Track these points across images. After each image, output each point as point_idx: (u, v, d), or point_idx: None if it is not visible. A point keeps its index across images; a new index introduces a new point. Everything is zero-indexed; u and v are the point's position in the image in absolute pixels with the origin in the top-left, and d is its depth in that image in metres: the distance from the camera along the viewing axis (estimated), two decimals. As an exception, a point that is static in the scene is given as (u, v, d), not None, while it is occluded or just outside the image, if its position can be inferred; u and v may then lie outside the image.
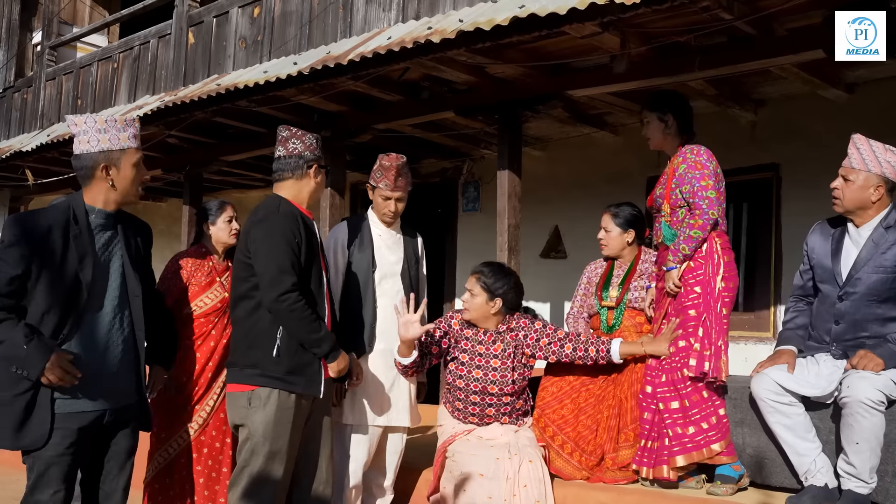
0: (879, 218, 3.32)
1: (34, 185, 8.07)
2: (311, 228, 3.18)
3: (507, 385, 3.62)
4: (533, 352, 3.68)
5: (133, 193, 2.87)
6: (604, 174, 6.08)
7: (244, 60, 6.37)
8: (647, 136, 3.87)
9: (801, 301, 3.59)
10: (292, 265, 3.00)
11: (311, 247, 3.14)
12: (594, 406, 3.86)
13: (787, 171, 5.27)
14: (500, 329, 3.67)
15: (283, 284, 2.97)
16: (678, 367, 3.57)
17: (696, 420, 3.50)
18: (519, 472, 3.42)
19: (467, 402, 3.66)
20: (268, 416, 3.03)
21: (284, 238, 3.01)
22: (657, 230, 3.85)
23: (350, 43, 5.27)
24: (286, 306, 2.97)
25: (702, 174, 3.60)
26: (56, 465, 2.64)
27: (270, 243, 3.01)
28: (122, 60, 7.69)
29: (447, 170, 7.11)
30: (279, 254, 2.99)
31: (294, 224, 3.07)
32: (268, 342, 3.03)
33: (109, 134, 2.78)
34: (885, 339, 3.22)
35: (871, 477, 3.14)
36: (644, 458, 3.62)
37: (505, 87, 4.88)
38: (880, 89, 4.82)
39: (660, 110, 3.79)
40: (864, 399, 3.05)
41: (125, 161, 2.80)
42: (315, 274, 3.16)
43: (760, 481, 3.53)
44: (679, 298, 3.64)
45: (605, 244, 4.13)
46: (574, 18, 3.62)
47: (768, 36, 3.94)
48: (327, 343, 3.08)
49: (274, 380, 3.03)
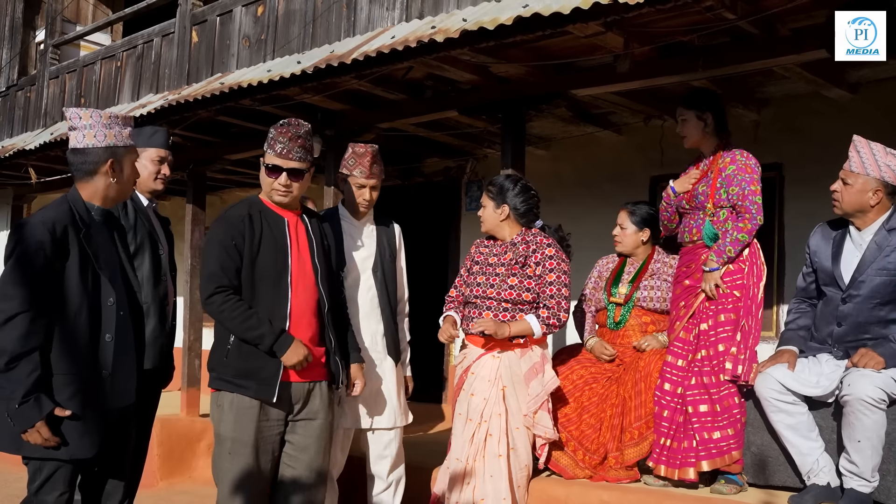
0: (882, 220, 3.33)
1: (37, 183, 8.08)
2: (270, 221, 3.11)
3: (505, 290, 3.60)
4: (533, 272, 3.61)
5: (128, 193, 2.89)
6: (607, 173, 6.08)
7: (248, 59, 6.37)
8: (682, 133, 3.87)
9: (804, 303, 3.59)
10: (223, 269, 3.01)
11: (271, 240, 3.08)
12: (597, 405, 3.86)
13: (790, 171, 5.26)
14: (514, 240, 3.72)
15: (208, 288, 3.01)
16: (711, 370, 3.56)
17: (723, 426, 3.51)
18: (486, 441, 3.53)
19: (470, 307, 3.70)
20: (230, 418, 3.03)
21: (219, 242, 3.05)
22: (690, 228, 3.81)
23: (354, 42, 5.27)
24: (214, 308, 3.01)
25: (752, 178, 3.62)
26: (64, 468, 2.63)
27: (206, 248, 3.11)
28: (125, 59, 7.69)
29: (451, 169, 7.11)
30: (210, 259, 3.05)
31: (236, 227, 3.05)
32: (222, 345, 3.06)
33: (115, 130, 2.76)
34: (887, 339, 3.23)
35: (872, 476, 3.14)
36: (663, 457, 3.61)
37: (508, 87, 4.88)
38: (884, 89, 4.81)
39: (698, 108, 3.79)
40: (865, 397, 3.05)
41: (128, 158, 2.81)
42: (272, 267, 3.07)
43: (763, 481, 3.53)
44: (714, 301, 3.63)
45: (619, 241, 4.14)
46: (578, 18, 3.62)
47: (771, 36, 3.94)
48: (269, 337, 2.99)
49: (226, 382, 3.05)
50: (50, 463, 2.61)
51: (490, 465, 3.51)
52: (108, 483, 2.86)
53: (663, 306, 4.00)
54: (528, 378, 3.58)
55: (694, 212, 3.81)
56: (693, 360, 3.63)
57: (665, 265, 4.08)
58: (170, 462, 6.05)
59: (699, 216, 3.78)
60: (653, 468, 3.64)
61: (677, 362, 3.67)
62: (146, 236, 3.39)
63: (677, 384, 3.64)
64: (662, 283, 4.02)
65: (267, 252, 3.07)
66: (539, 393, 3.57)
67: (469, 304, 3.72)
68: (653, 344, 3.92)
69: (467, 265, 3.85)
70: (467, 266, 3.85)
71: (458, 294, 3.82)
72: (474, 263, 3.79)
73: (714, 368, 3.56)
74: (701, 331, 3.66)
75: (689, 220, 3.85)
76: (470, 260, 3.84)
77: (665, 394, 3.65)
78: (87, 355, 2.64)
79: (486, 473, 3.50)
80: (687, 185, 3.84)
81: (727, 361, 3.53)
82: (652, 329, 4.01)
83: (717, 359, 3.57)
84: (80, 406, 2.60)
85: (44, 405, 2.53)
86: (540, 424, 3.59)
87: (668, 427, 3.62)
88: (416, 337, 7.37)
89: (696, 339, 3.67)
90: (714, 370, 3.56)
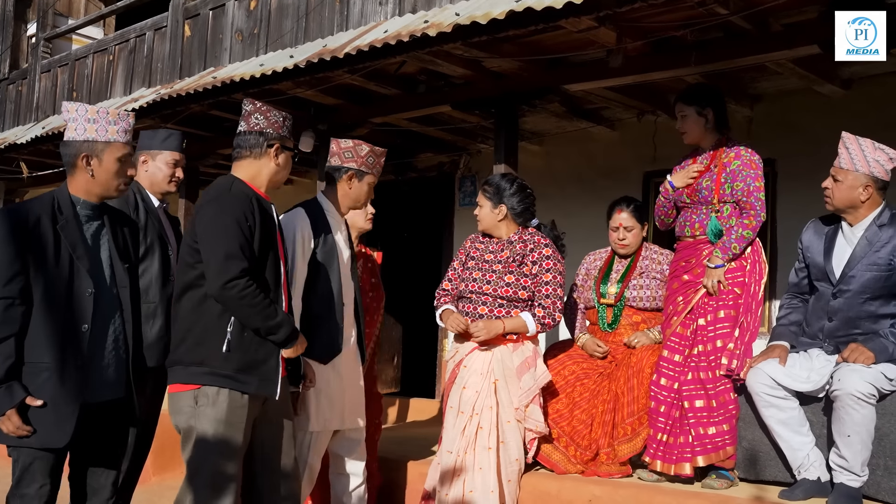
0: (873, 216, 3.34)
1: (29, 177, 8.05)
2: (268, 213, 2.90)
3: (502, 287, 3.62)
4: (529, 271, 3.65)
5: (114, 188, 2.80)
6: (600, 169, 6.08)
7: (240, 53, 6.35)
8: (682, 130, 3.84)
9: (796, 298, 3.60)
10: (242, 249, 2.71)
11: (267, 233, 2.86)
12: (589, 401, 3.86)
13: (783, 167, 5.27)
14: (511, 238, 3.73)
15: (230, 271, 2.67)
16: (708, 366, 3.56)
17: (718, 421, 3.51)
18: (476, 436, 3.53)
19: (465, 301, 3.70)
20: (219, 416, 2.73)
21: (234, 219, 2.73)
22: (692, 222, 3.78)
23: (346, 36, 5.26)
24: (235, 293, 2.67)
25: (756, 174, 3.61)
26: (42, 460, 2.63)
27: (218, 226, 2.72)
28: (117, 53, 7.66)
29: (444, 164, 7.10)
30: (227, 237, 2.70)
31: (247, 206, 2.79)
32: (216, 337, 2.74)
33: (98, 125, 2.74)
34: (877, 334, 3.24)
35: (862, 470, 3.15)
36: (660, 453, 3.61)
37: (501, 82, 4.87)
38: (876, 85, 4.82)
39: (699, 104, 3.76)
40: (855, 392, 3.06)
41: (108, 154, 2.75)
42: (271, 263, 2.88)
43: (754, 476, 3.54)
44: (714, 297, 3.62)
45: (626, 244, 4.07)
46: (570, 13, 3.62)
47: (764, 31, 3.94)
48: (286, 328, 2.81)
49: (224, 378, 2.74)
50: (25, 453, 2.62)
51: (480, 457, 3.52)
52: (97, 477, 2.83)
53: (654, 304, 3.99)
54: (520, 372, 3.58)
55: (696, 206, 3.78)
56: (690, 356, 3.63)
57: (654, 262, 4.05)
58: (162, 457, 6.02)
59: (702, 211, 3.75)
60: (648, 463, 3.64)
61: (674, 357, 3.67)
62: (156, 237, 3.37)
63: (674, 379, 3.64)
64: (651, 280, 4.00)
65: (266, 243, 2.87)
66: (531, 387, 3.57)
67: (464, 298, 3.72)
68: (643, 340, 3.91)
69: (461, 258, 3.84)
70: (461, 259, 3.84)
71: (453, 288, 3.82)
72: (469, 258, 3.79)
73: (711, 364, 3.57)
74: (699, 326, 3.65)
75: (689, 214, 3.81)
76: (465, 254, 3.84)
77: (661, 389, 3.65)
78: (63, 344, 2.63)
79: (475, 466, 3.50)
80: (687, 179, 3.79)
81: (723, 357, 3.53)
82: (643, 327, 4.01)
83: (713, 354, 3.57)
84: (52, 395, 2.60)
85: (15, 393, 2.56)
86: (531, 418, 3.60)
87: (664, 422, 3.62)
88: (411, 331, 7.45)
89: (693, 334, 3.67)
90: (711, 366, 3.56)
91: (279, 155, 2.97)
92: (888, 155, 3.32)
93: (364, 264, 4.05)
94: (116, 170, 2.77)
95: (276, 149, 2.96)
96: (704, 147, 3.82)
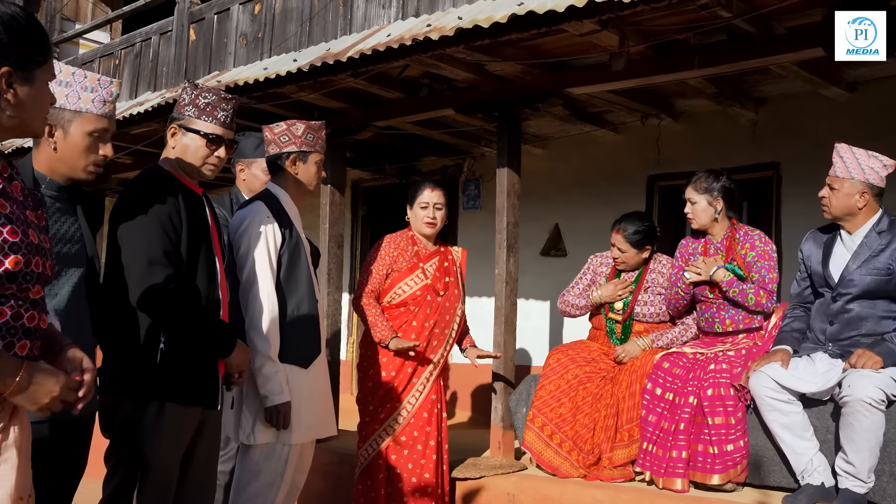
0: (871, 223, 3.36)
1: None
2: (197, 204, 2.61)
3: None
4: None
5: (81, 168, 2.31)
6: (604, 172, 6.07)
7: (245, 57, 6.37)
8: (690, 215, 3.83)
9: (798, 308, 3.60)
10: (166, 254, 2.44)
11: (197, 228, 2.57)
12: (592, 405, 3.85)
13: (787, 170, 5.25)
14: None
15: (154, 279, 2.41)
16: (725, 382, 3.53)
17: (735, 438, 3.49)
18: None
19: None
20: (155, 431, 2.45)
21: (158, 220, 2.44)
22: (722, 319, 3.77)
23: (350, 40, 5.27)
24: (164, 297, 2.42)
25: (770, 266, 3.68)
26: None
27: (137, 228, 2.44)
28: (123, 57, 7.70)
29: (448, 167, 7.10)
30: (149, 241, 2.42)
31: (171, 203, 2.49)
32: (146, 347, 2.46)
33: (70, 89, 2.27)
34: (883, 338, 3.23)
35: (869, 476, 3.14)
36: (647, 462, 3.60)
37: (504, 85, 4.87)
38: (881, 88, 4.80)
39: (710, 194, 3.76)
40: (866, 398, 3.05)
41: (77, 125, 2.28)
42: (203, 263, 2.58)
43: (758, 481, 3.52)
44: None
45: (621, 262, 4.07)
46: (573, 16, 3.61)
47: (767, 34, 3.92)
48: (222, 336, 2.57)
49: (159, 391, 2.46)
50: None
51: None
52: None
53: (658, 319, 4.01)
54: None
55: (722, 302, 3.74)
56: (708, 371, 3.61)
57: (661, 275, 4.05)
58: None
59: (730, 307, 3.73)
60: (640, 472, 3.63)
61: (673, 370, 3.65)
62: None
63: (669, 391, 3.62)
64: (657, 296, 4.01)
65: (193, 235, 2.56)
66: None
67: None
68: (631, 352, 3.90)
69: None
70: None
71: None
72: None
73: (725, 380, 3.55)
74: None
75: (717, 311, 3.76)
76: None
77: (654, 398, 3.63)
78: None
79: None
80: (704, 275, 3.72)
81: (742, 372, 3.54)
82: None
83: (730, 371, 3.56)
84: None
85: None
86: None
87: (652, 432, 3.60)
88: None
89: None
90: (725, 381, 3.54)
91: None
92: (882, 162, 3.35)
93: (440, 263, 3.89)
94: (86, 146, 2.30)
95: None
96: (714, 234, 3.83)
